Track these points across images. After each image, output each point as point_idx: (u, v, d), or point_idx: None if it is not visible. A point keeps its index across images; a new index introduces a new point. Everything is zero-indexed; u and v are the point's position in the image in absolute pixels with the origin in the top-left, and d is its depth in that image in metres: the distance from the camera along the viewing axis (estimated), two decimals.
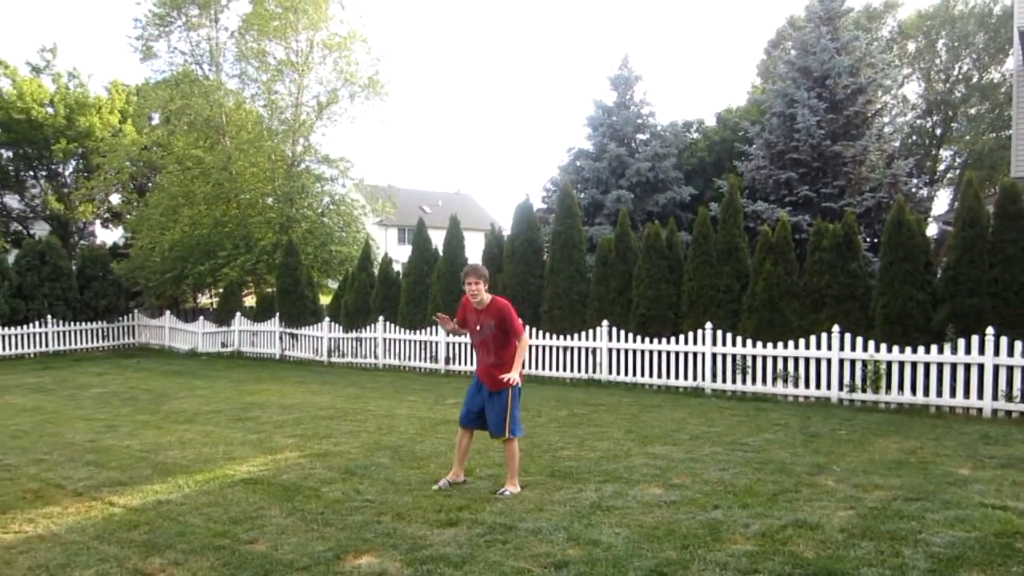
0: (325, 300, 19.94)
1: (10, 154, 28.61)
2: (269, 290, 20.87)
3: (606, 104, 20.52)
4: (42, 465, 7.26)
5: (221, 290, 21.71)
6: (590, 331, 13.16)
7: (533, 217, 14.84)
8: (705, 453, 7.30)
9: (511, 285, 14.34)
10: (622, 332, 12.73)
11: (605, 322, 12.93)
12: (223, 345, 19.77)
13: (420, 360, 15.44)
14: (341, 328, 17.08)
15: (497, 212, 57.94)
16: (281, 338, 18.38)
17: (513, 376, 5.88)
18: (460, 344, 14.74)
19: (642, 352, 12.46)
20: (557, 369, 13.47)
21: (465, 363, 14.65)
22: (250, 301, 22.50)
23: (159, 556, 4.63)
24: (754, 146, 18.36)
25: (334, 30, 22.29)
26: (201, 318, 20.96)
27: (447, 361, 14.95)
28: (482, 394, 6.16)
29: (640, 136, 20.64)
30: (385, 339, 16.04)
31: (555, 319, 13.85)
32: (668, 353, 12.18)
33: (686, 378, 11.96)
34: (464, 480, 6.26)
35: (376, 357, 16.17)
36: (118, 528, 5.21)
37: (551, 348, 13.58)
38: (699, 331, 11.87)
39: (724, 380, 11.59)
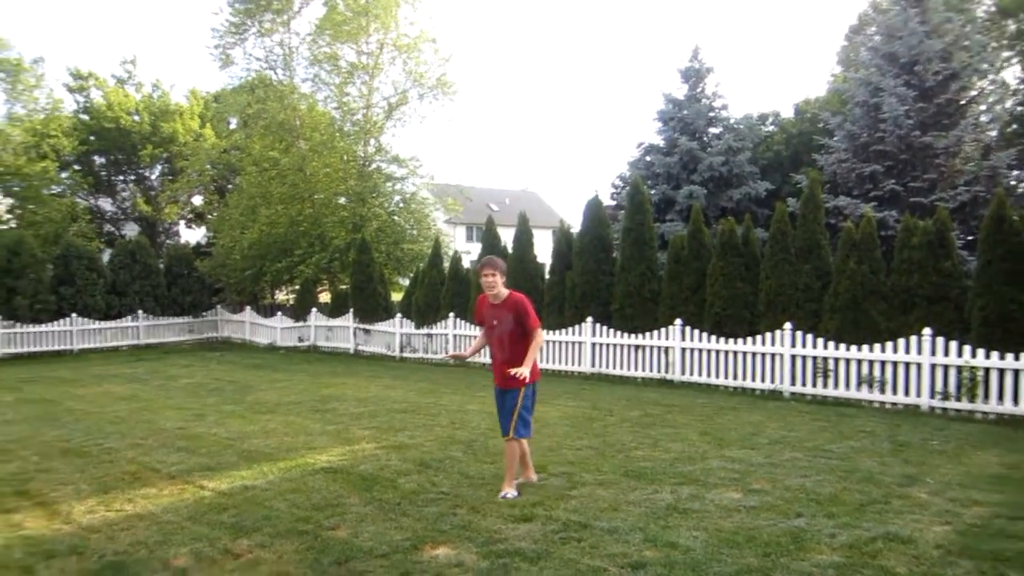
0: (396, 297, 20.31)
1: (103, 160, 30.15)
2: (343, 287, 21.37)
3: (676, 97, 20.22)
4: (139, 449, 7.65)
5: (297, 287, 22.37)
6: (662, 330, 12.99)
7: (603, 213, 14.75)
8: (785, 458, 7.11)
9: (580, 283, 14.31)
10: (695, 331, 12.53)
11: (678, 321, 12.74)
12: (300, 340, 20.36)
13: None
14: (412, 324, 17.36)
15: (564, 210, 57.74)
16: (355, 333, 18.81)
17: (523, 371, 5.58)
18: None
19: (717, 352, 12.23)
20: (628, 368, 13.36)
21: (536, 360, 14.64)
22: (325, 298, 23.09)
23: (247, 538, 4.82)
24: (835, 138, 17.71)
25: (404, 31, 22.67)
26: (279, 314, 21.65)
27: None
28: (500, 399, 5.98)
29: (712, 130, 20.25)
30: (455, 335, 16.22)
31: (626, 317, 13.74)
32: (744, 354, 11.91)
33: (763, 380, 11.67)
34: (536, 479, 6.18)
35: (447, 353, 16.36)
36: (208, 510, 5.45)
37: (622, 347, 13.48)
38: (777, 331, 11.56)
39: (804, 383, 11.24)
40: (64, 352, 19.85)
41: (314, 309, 20.27)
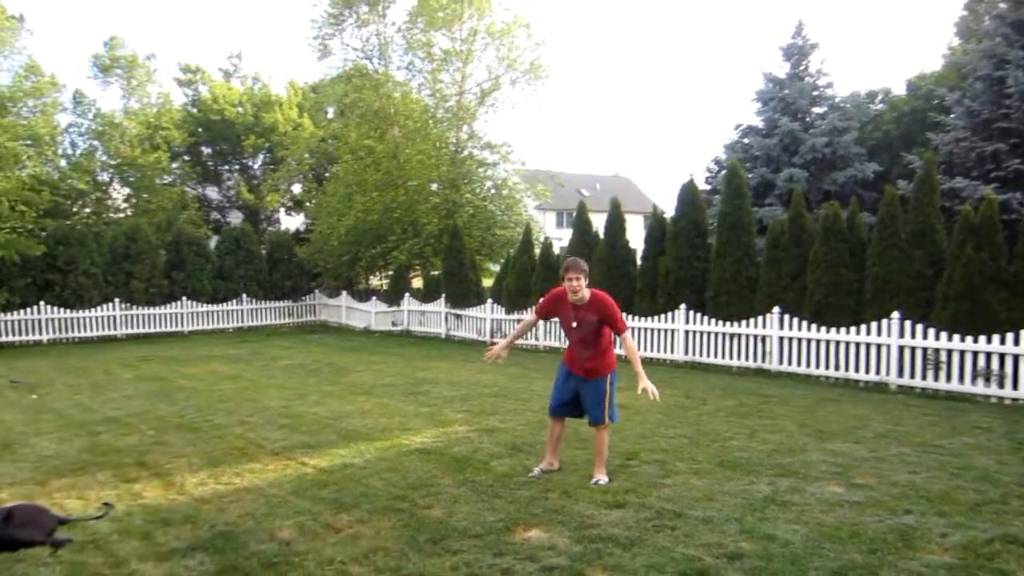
0: (487, 283, 20.49)
1: (209, 151, 31.67)
2: (435, 272, 21.73)
3: (777, 76, 19.44)
4: (245, 426, 8.04)
5: (391, 272, 22.90)
6: (759, 318, 12.59)
7: (698, 198, 14.37)
8: (892, 453, 6.76)
9: (673, 269, 14.02)
10: (795, 320, 12.07)
11: (776, 309, 12.32)
12: (393, 324, 20.86)
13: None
14: (503, 310, 17.48)
15: (656, 195, 56.80)
16: (446, 318, 19.11)
17: (651, 388, 5.67)
18: None
19: (817, 342, 11.75)
20: (722, 357, 13.02)
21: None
22: (417, 283, 23.56)
23: (346, 514, 4.98)
24: (952, 115, 16.53)
25: (498, 17, 22.70)
26: (374, 298, 22.25)
27: None
28: (572, 383, 5.96)
29: (816, 109, 19.38)
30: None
31: (721, 305, 13.38)
32: (847, 344, 11.39)
33: (867, 371, 11.12)
34: (558, 467, 6.09)
35: (537, 339, 16.40)
36: (310, 486, 5.67)
37: (716, 335, 13.14)
38: (884, 321, 10.99)
39: (912, 376, 10.64)
40: (175, 333, 21.06)
41: (407, 294, 20.71)
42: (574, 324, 5.83)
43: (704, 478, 5.84)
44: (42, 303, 19.35)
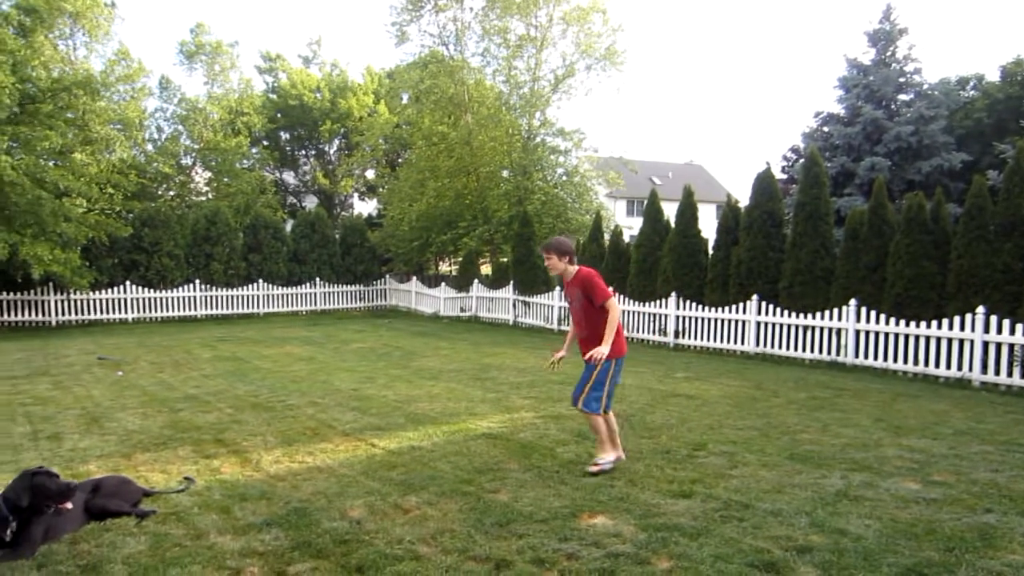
0: None
1: (287, 136, 32.58)
2: (504, 259, 21.86)
3: (862, 62, 18.73)
4: (317, 407, 8.29)
5: (461, 258, 23.14)
6: (835, 310, 12.22)
7: (774, 187, 14.00)
8: (973, 451, 6.49)
9: (746, 259, 13.73)
10: (873, 313, 11.67)
11: (853, 301, 11.93)
12: (462, 310, 21.09)
13: (648, 332, 15.35)
14: None
15: (730, 184, 55.52)
16: (514, 305, 19.20)
17: (601, 350, 5.37)
18: (692, 319, 14.42)
19: (896, 335, 11.34)
20: (795, 349, 12.71)
21: (694, 338, 14.32)
22: (486, 269, 23.74)
23: (415, 495, 5.10)
24: None
25: (574, 3, 22.52)
26: (443, 284, 22.53)
27: (676, 335, 14.71)
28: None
29: (902, 96, 18.59)
30: None
31: (795, 296, 13.04)
32: (928, 338, 10.95)
33: (948, 367, 10.68)
34: (624, 458, 5.90)
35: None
36: (380, 467, 5.82)
37: (789, 327, 12.83)
38: (968, 315, 10.52)
39: (997, 372, 10.16)
40: (251, 315, 21.82)
41: (476, 280, 20.89)
42: (571, 301, 5.87)
43: (773, 470, 5.73)
44: (128, 283, 20.34)
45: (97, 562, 4.07)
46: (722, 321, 13.85)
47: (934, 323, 10.90)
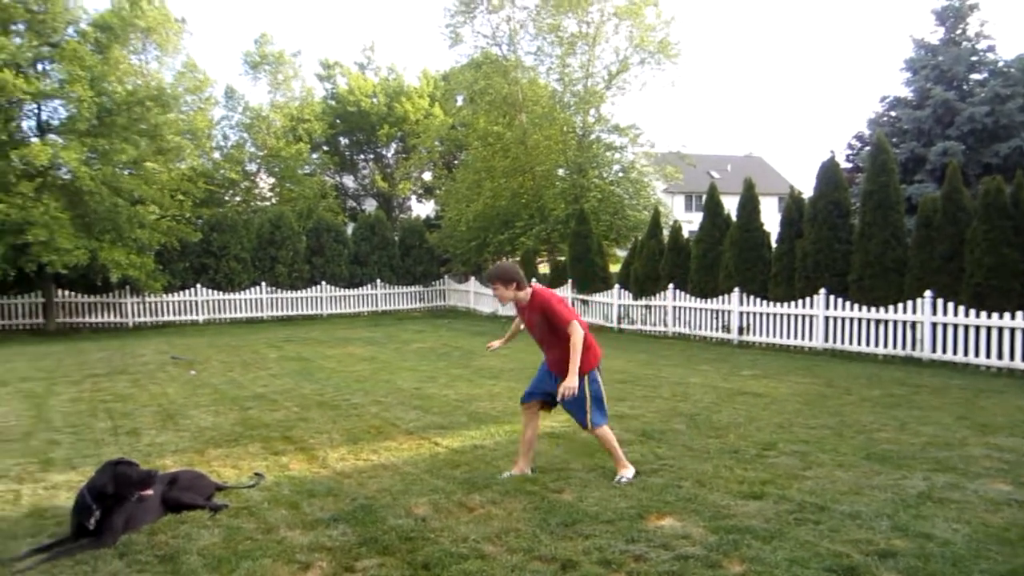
0: (614, 268, 20.28)
1: (346, 141, 33.15)
2: (561, 258, 21.75)
3: (930, 42, 18.01)
4: (380, 406, 8.37)
5: (518, 258, 23.13)
6: (908, 302, 11.74)
7: (839, 176, 13.53)
8: None
9: (811, 252, 13.31)
10: (950, 304, 11.17)
11: (928, 293, 11.44)
12: None
13: (711, 329, 15.04)
14: (630, 295, 17.25)
15: (792, 175, 54.13)
16: (573, 304, 19.07)
17: (571, 386, 5.05)
18: (756, 314, 14.06)
19: (977, 328, 10.82)
20: (866, 344, 12.26)
21: (760, 334, 13.96)
22: (543, 269, 23.67)
23: (478, 494, 5.07)
24: None
25: None
26: None
27: (740, 332, 14.37)
28: (552, 381, 5.42)
29: (974, 76, 17.80)
30: (675, 307, 15.86)
31: (864, 289, 12.58)
32: (1013, 330, 10.41)
33: None
34: (530, 472, 5.52)
35: (665, 325, 16.08)
36: (443, 465, 5.82)
37: (860, 321, 12.39)
38: None
39: None
40: (315, 316, 22.26)
41: (534, 280, 20.83)
42: (532, 327, 5.52)
43: (850, 471, 5.51)
44: (198, 285, 21.01)
45: (174, 553, 4.19)
46: (788, 316, 13.47)
47: (1018, 314, 10.36)
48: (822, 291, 12.91)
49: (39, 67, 18.25)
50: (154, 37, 21.72)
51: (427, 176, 33.46)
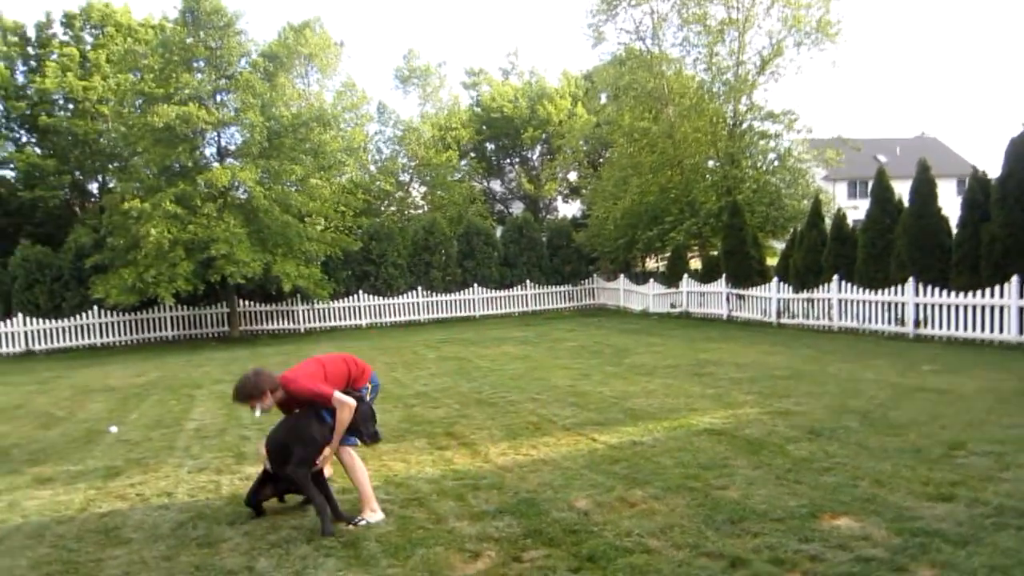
0: (770, 261, 19.41)
1: (492, 147, 33.92)
2: (713, 252, 21.10)
3: None
4: (536, 403, 8.49)
5: (668, 254, 22.68)
6: None
7: None
8: None
9: (1001, 236, 12.08)
10: None
11: None
12: (672, 306, 20.63)
13: (882, 323, 14.01)
14: (790, 288, 16.43)
15: (973, 155, 49.39)
16: (728, 299, 18.44)
17: (328, 453, 4.78)
18: (936, 306, 12.96)
19: None
20: None
21: (939, 327, 12.84)
22: (694, 264, 23.06)
23: (640, 489, 5.02)
24: None
25: None
26: (651, 280, 22.21)
27: (917, 324, 13.29)
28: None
29: None
30: (840, 300, 14.92)
31: None
32: None
33: None
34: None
35: (830, 319, 15.16)
36: (602, 461, 5.82)
37: None
38: None
39: None
40: (468, 318, 22.92)
41: (685, 275, 20.36)
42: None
43: None
44: (360, 291, 22.28)
45: (355, 539, 4.49)
46: (974, 307, 12.31)
47: None
48: (1014, 279, 11.68)
49: (218, 98, 20.05)
50: (316, 61, 23.32)
51: (572, 176, 33.56)
